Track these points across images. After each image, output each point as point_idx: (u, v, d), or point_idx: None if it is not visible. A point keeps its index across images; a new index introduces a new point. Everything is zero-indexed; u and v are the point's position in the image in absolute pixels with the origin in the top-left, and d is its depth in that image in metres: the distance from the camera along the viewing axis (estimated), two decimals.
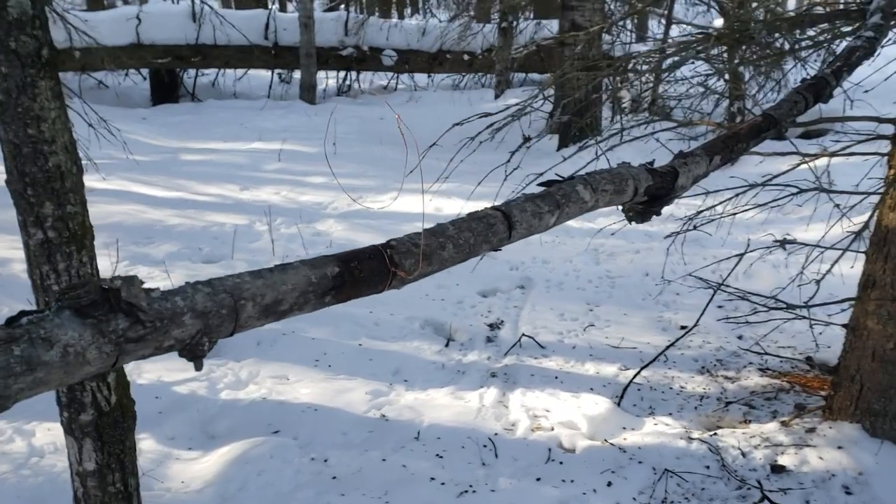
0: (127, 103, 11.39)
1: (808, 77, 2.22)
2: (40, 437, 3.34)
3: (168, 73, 11.65)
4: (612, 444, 3.44)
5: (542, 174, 4.19)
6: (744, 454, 3.33)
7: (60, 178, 2.11)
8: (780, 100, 2.01)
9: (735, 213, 3.76)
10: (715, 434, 3.53)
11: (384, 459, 3.25)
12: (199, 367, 0.75)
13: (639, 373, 3.99)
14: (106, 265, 5.19)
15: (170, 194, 6.94)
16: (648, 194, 1.33)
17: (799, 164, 3.44)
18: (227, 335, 0.77)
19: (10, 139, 2.03)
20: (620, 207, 1.38)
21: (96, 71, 10.88)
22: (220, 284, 0.78)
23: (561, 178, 1.24)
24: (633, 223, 1.50)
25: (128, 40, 10.78)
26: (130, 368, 4.01)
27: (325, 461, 3.25)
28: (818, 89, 2.10)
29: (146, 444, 3.41)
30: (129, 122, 9.77)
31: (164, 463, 3.29)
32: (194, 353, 0.73)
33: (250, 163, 8.09)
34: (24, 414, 3.44)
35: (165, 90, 11.66)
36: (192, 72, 12.12)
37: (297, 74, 12.03)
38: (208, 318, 0.73)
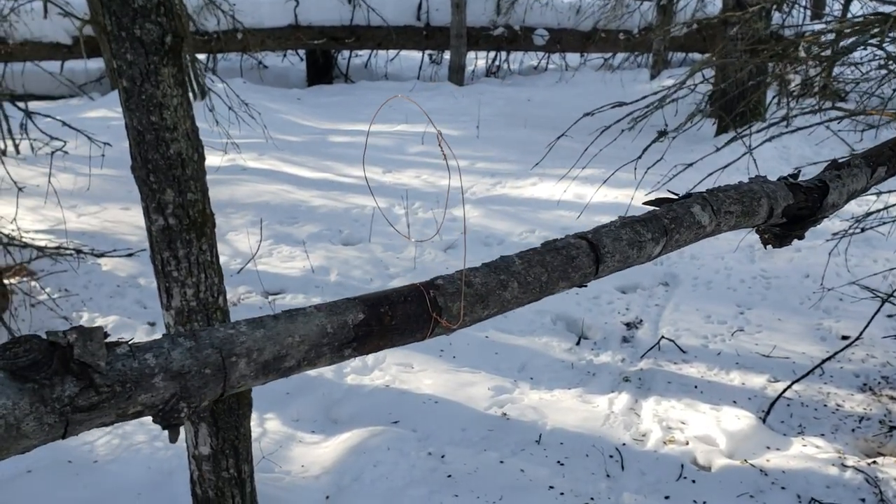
0: (285, 83, 11.82)
1: None
2: None
3: (323, 55, 11.97)
4: (752, 464, 3.14)
5: (691, 164, 3.89)
6: None
7: (181, 165, 2.11)
8: None
9: None
10: (874, 463, 3.15)
11: (502, 461, 3.13)
12: (173, 439, 0.64)
13: (790, 386, 3.63)
14: (252, 243, 5.38)
15: (316, 175, 7.10)
16: (788, 215, 1.09)
17: None
18: (214, 398, 0.66)
19: (134, 126, 2.05)
20: (754, 229, 1.15)
21: (256, 51, 11.34)
22: (208, 337, 0.66)
23: (675, 196, 1.04)
24: (769, 248, 1.26)
25: (286, 22, 11.15)
26: None
27: (442, 457, 3.16)
28: None
29: (272, 425, 3.47)
30: (285, 102, 10.13)
31: (286, 445, 3.33)
32: (168, 421, 0.62)
33: (395, 145, 8.14)
34: None
35: (320, 71, 12.00)
36: (346, 53, 12.38)
37: (447, 55, 12.01)
38: (186, 379, 0.62)
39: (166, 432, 2.40)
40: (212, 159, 6.90)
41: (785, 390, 3.60)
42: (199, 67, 8.25)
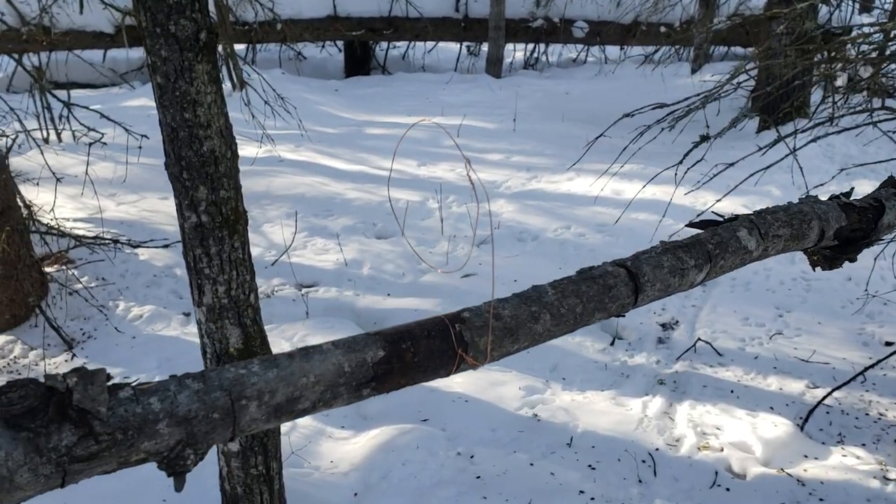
0: (322, 74, 11.85)
1: None
2: None
3: (361, 46, 11.97)
4: (789, 473, 3.06)
5: (733, 163, 3.80)
6: None
7: (214, 162, 2.10)
8: None
9: None
10: None
11: (532, 464, 3.09)
12: (179, 488, 0.61)
13: (830, 393, 3.53)
14: (287, 235, 5.40)
15: (352, 167, 7.10)
16: (839, 237, 1.03)
17: None
18: (223, 441, 0.62)
19: (167, 122, 2.05)
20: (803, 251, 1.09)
21: (296, 42, 11.38)
22: (217, 378, 0.63)
23: (720, 219, 0.99)
24: (818, 270, 1.19)
25: (325, 13, 11.17)
26: (295, 340, 4.12)
27: (471, 458, 3.14)
28: None
29: (302, 420, 3.47)
30: (322, 93, 10.16)
31: (316, 440, 3.33)
32: (174, 469, 0.59)
33: (430, 138, 8.10)
34: None
35: (358, 62, 12.00)
36: (384, 44, 12.37)
37: (485, 47, 11.94)
38: (193, 424, 0.59)
39: None
40: (248, 151, 6.93)
41: (825, 397, 3.51)
42: (237, 59, 8.30)
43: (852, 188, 1.19)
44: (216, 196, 2.14)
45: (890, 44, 3.73)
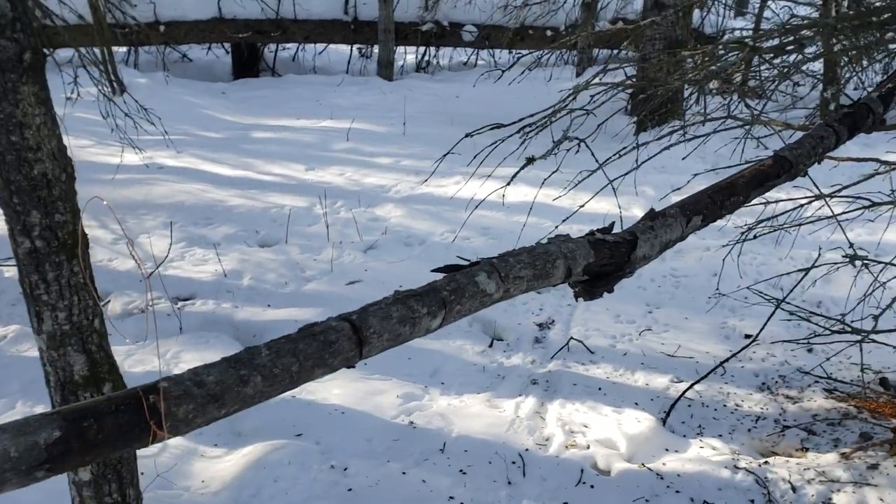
0: (209, 77, 11.56)
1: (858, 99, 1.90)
2: None
3: (248, 48, 11.74)
4: (649, 468, 3.20)
5: (593, 171, 3.92)
6: (794, 489, 3.05)
7: (47, 186, 2.03)
8: (803, 136, 1.71)
9: (800, 224, 3.41)
10: (766, 463, 3.25)
11: (404, 472, 3.12)
12: None
13: (690, 387, 3.72)
14: (164, 246, 5.25)
15: (235, 173, 6.97)
16: (590, 273, 1.10)
17: (875, 174, 3.07)
18: None
19: None
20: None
21: (180, 44, 11.06)
22: None
23: (464, 262, 1.04)
24: (581, 300, 1.27)
25: (210, 14, 10.90)
26: (168, 357, 4.01)
27: (345, 470, 3.14)
28: (856, 119, 1.77)
29: (173, 440, 3.39)
30: (208, 96, 9.92)
31: (187, 459, 3.26)
32: None
33: (319, 142, 8.05)
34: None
35: (246, 64, 11.78)
36: (273, 46, 12.18)
37: (377, 49, 11.92)
38: None
39: None
40: (127, 158, 6.70)
41: (685, 392, 3.68)
42: (114, 61, 8.01)
43: (612, 223, 1.26)
44: (51, 220, 2.07)
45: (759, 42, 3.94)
